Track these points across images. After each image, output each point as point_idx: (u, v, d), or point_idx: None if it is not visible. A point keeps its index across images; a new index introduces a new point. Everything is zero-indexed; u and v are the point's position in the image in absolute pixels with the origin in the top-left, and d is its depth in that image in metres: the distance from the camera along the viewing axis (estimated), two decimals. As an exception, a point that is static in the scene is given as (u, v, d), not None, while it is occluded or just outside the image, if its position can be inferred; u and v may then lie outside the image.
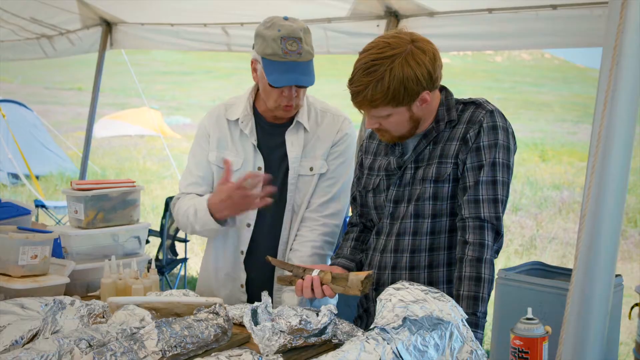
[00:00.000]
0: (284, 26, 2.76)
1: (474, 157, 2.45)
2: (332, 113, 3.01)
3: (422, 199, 2.51)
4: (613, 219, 1.55)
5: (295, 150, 2.93)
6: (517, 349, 1.77)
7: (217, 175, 3.02)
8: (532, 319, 1.78)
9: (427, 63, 2.41)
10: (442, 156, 2.50)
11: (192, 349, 2.15)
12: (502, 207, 2.43)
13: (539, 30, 3.98)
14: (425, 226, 2.52)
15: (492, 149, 2.44)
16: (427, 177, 2.51)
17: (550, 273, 2.06)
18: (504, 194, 2.45)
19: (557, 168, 16.46)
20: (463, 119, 2.52)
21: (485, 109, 2.49)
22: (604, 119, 1.50)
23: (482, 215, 2.41)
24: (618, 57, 1.50)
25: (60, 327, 2.33)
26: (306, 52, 2.79)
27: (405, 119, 2.49)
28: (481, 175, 2.43)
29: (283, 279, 2.61)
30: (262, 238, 2.99)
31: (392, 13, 4.45)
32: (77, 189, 3.13)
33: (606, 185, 1.53)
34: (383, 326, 1.99)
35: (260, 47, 2.79)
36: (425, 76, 2.41)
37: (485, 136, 2.45)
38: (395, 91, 2.39)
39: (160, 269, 6.34)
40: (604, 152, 1.53)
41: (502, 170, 2.45)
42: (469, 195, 2.44)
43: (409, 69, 2.38)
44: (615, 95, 1.51)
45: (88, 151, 7.12)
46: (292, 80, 2.78)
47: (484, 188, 2.43)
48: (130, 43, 6.58)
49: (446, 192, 2.49)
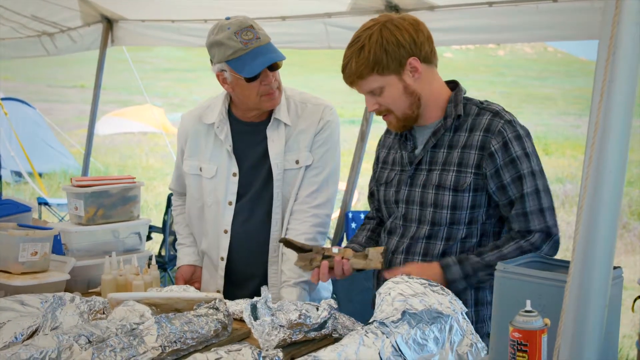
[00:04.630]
0: (231, 23, 2.78)
1: (512, 170, 2.44)
2: (312, 103, 3.00)
3: (441, 207, 2.50)
4: (610, 211, 1.54)
5: (276, 146, 2.92)
6: (516, 341, 1.77)
7: (192, 184, 3.07)
8: (531, 311, 1.77)
9: (406, 27, 2.42)
10: (462, 165, 2.48)
11: (192, 345, 2.15)
12: (549, 214, 2.44)
13: (540, 23, 3.96)
14: (441, 233, 2.52)
15: (526, 159, 2.44)
16: (445, 185, 2.49)
17: (550, 265, 2.06)
18: (548, 200, 2.46)
19: (560, 161, 16.44)
20: (479, 125, 2.48)
21: (503, 119, 2.47)
22: (600, 111, 1.50)
23: (531, 227, 2.43)
24: (614, 48, 1.50)
25: (60, 323, 2.34)
26: (263, 35, 2.81)
27: (399, 91, 2.47)
28: (524, 187, 2.43)
29: (303, 257, 2.60)
30: (241, 243, 3.01)
31: (392, 7, 4.44)
32: (77, 185, 3.14)
33: (603, 177, 1.53)
34: (382, 320, 1.99)
35: (221, 54, 2.80)
36: (407, 39, 2.41)
37: (514, 147, 2.44)
38: (377, 56, 2.40)
39: (162, 265, 6.35)
40: (600, 144, 1.52)
41: (541, 178, 2.46)
42: (516, 209, 2.44)
43: (388, 32, 2.41)
44: (611, 86, 1.51)
45: (90, 148, 7.13)
46: (263, 62, 2.78)
47: (530, 200, 2.43)
48: (131, 40, 6.58)
49: (466, 202, 2.48)
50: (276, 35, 3.01)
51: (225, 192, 2.97)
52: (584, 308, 1.56)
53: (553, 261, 2.09)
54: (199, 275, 3.14)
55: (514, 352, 1.78)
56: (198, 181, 3.03)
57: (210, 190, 3.00)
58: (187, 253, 3.17)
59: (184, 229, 3.22)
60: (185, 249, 3.18)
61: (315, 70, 30.05)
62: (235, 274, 3.03)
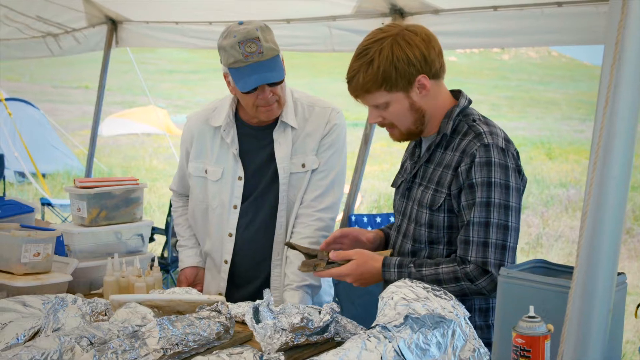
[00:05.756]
0: (239, 31, 2.74)
1: (468, 194, 2.35)
2: (319, 106, 2.99)
3: (419, 224, 2.47)
4: (615, 217, 1.53)
5: (283, 150, 2.92)
6: (519, 347, 1.76)
7: (196, 185, 3.06)
8: (534, 317, 1.77)
9: (418, 43, 2.35)
10: (439, 184, 2.43)
11: (194, 347, 2.14)
12: (494, 250, 2.31)
13: (544, 28, 3.96)
14: (423, 252, 2.49)
15: (485, 188, 2.33)
16: (423, 202, 2.46)
17: (554, 271, 2.05)
18: (499, 238, 2.32)
19: (564, 166, 16.41)
20: (460, 146, 2.41)
21: (481, 141, 2.36)
22: (605, 116, 1.49)
23: (468, 257, 2.34)
24: (620, 53, 1.49)
25: (62, 324, 2.33)
26: (267, 49, 2.75)
27: (405, 107, 2.42)
28: (472, 215, 2.33)
29: (307, 264, 2.59)
30: (245, 246, 3.00)
31: (397, 10, 4.44)
32: (81, 186, 3.13)
33: (608, 182, 1.52)
34: (384, 324, 1.98)
35: (224, 59, 2.79)
36: (418, 57, 2.35)
37: (475, 173, 2.34)
38: (386, 73, 2.34)
39: (165, 267, 6.35)
40: (605, 149, 1.52)
41: (499, 212, 2.33)
42: (461, 234, 2.37)
43: (399, 49, 2.34)
44: (617, 91, 1.50)
45: (94, 149, 7.13)
46: (258, 80, 2.75)
47: (475, 229, 2.33)
48: (135, 41, 6.58)
49: (441, 221, 2.43)
50: (281, 38, 3.01)
51: (230, 195, 2.97)
52: (587, 314, 1.55)
53: (557, 267, 2.08)
54: (201, 277, 3.14)
55: (517, 358, 1.77)
56: (203, 183, 3.02)
57: (215, 193, 2.99)
58: (190, 255, 3.16)
59: (185, 230, 3.21)
60: (188, 250, 3.18)
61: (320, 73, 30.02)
62: (238, 276, 3.03)
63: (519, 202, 2.40)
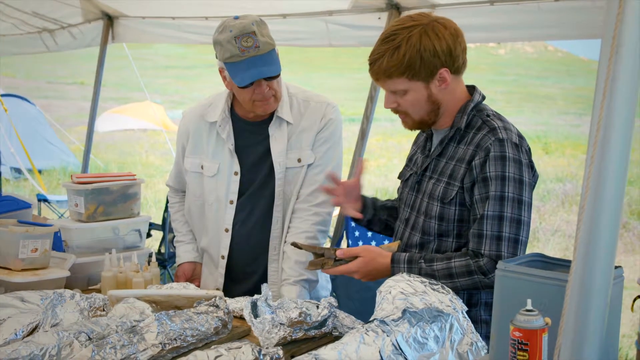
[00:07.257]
0: (234, 26, 2.73)
1: (482, 188, 2.37)
2: (315, 101, 2.99)
3: (430, 217, 2.49)
4: (612, 211, 1.53)
5: (278, 144, 2.92)
6: (516, 340, 1.77)
7: (192, 181, 3.07)
8: (531, 310, 1.77)
9: (446, 37, 2.36)
10: (452, 177, 2.44)
11: (192, 342, 2.15)
12: (507, 244, 2.34)
13: (541, 22, 3.96)
14: (432, 245, 2.51)
15: (500, 182, 2.35)
16: (434, 195, 2.47)
17: (551, 265, 2.05)
18: (512, 232, 2.35)
19: (560, 161, 16.44)
20: (474, 140, 2.43)
21: (495, 136, 2.39)
22: (602, 110, 1.49)
23: (482, 250, 2.35)
24: (617, 47, 1.49)
25: (60, 320, 2.33)
26: (264, 43, 2.74)
27: (422, 97, 2.43)
28: (486, 209, 2.35)
29: (315, 263, 2.59)
30: (241, 241, 3.00)
31: (393, 5, 4.44)
32: (78, 182, 3.13)
33: (605, 177, 1.52)
34: (382, 318, 1.99)
35: (220, 54, 2.79)
36: (445, 50, 2.36)
37: (492, 167, 2.36)
38: (411, 60, 2.34)
39: (162, 262, 6.35)
40: (603, 143, 1.52)
41: (512, 206, 2.35)
42: (474, 228, 2.38)
43: (427, 39, 2.34)
44: (614, 85, 1.50)
45: (90, 145, 7.12)
46: (255, 75, 2.75)
47: (488, 223, 2.35)
48: (131, 37, 6.58)
49: (452, 214, 2.44)
50: (277, 33, 3.00)
51: (226, 191, 2.97)
52: (585, 307, 1.56)
53: (554, 260, 2.09)
54: (199, 272, 3.14)
55: (515, 351, 1.78)
56: (199, 179, 3.03)
57: (211, 188, 2.99)
58: (187, 250, 3.17)
59: (182, 225, 3.21)
60: (185, 245, 3.18)
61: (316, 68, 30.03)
62: (235, 272, 3.03)
63: (531, 197, 2.42)
